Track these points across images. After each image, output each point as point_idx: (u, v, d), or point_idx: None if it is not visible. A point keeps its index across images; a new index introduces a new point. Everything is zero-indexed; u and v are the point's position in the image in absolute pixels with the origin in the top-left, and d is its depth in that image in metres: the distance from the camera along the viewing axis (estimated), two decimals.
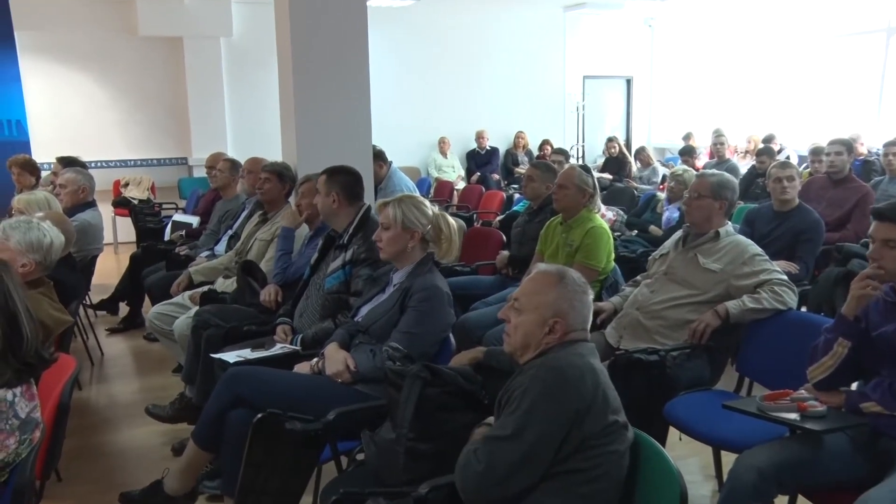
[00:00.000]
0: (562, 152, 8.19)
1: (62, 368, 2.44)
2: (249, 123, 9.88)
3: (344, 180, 3.55)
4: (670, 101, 12.45)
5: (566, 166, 4.49)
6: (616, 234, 5.14)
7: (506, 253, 4.68)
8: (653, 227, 6.00)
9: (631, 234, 5.89)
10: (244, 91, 10.02)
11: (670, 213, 5.90)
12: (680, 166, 7.35)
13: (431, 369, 2.21)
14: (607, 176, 9.52)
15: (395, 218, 2.90)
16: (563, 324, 1.99)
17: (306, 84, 4.57)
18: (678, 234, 3.50)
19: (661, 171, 9.24)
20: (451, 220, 2.99)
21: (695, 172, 5.14)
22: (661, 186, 8.20)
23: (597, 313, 3.43)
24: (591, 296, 2.09)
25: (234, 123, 10.10)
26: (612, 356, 3.06)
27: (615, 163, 10.00)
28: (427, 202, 3.01)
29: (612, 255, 4.02)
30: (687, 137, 10.51)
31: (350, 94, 4.64)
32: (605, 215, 5.25)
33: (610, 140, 10.25)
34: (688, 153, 9.14)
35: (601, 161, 10.74)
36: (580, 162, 11.14)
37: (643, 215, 6.34)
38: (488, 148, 11.22)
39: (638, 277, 3.64)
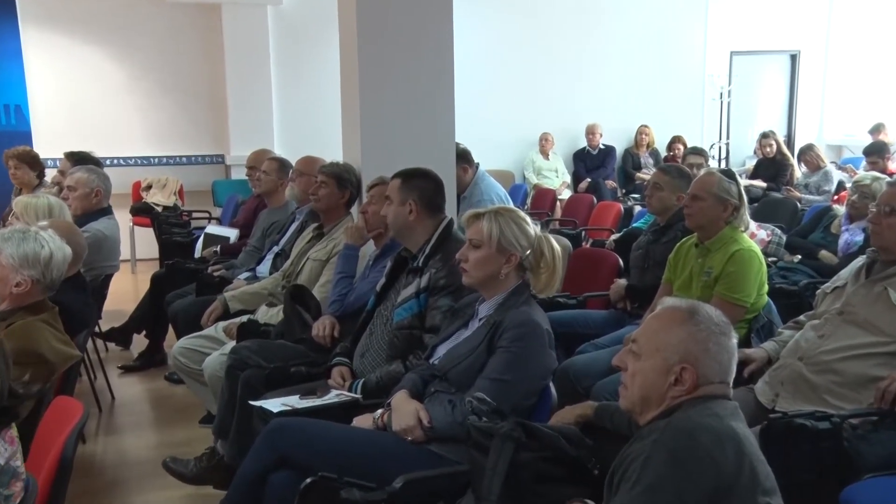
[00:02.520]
0: (698, 152, 8.12)
1: (65, 415, 2.49)
2: (302, 114, 10.06)
3: (424, 186, 3.64)
4: (852, 82, 12.15)
5: (703, 171, 4.45)
6: (771, 259, 5.06)
7: (623, 282, 4.67)
8: (824, 253, 5.87)
9: (792, 261, 5.78)
10: (296, 73, 10.26)
11: (851, 236, 5.76)
12: (865, 172, 7.15)
13: (526, 428, 2.24)
14: (760, 183, 9.36)
15: (490, 235, 2.95)
16: (693, 373, 2.01)
17: (375, 65, 4.66)
18: (859, 260, 3.43)
19: (837, 176, 9.02)
20: (554, 243, 3.03)
21: (888, 179, 5.00)
22: (836, 197, 8.00)
23: (743, 363, 3.36)
24: (735, 340, 2.09)
25: (282, 113, 10.28)
26: (763, 420, 3.00)
27: (771, 165, 9.81)
28: (529, 219, 3.07)
29: (765, 288, 3.97)
30: (876, 131, 10.23)
31: (429, 80, 4.72)
32: (755, 235, 5.18)
33: (765, 136, 10.06)
34: (877, 152, 8.86)
35: (752, 164, 10.56)
36: (722, 165, 11.00)
37: (810, 235, 6.21)
38: (602, 147, 11.18)
39: (801, 318, 3.58)
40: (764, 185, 9.34)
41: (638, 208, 8.12)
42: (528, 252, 2.96)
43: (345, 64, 4.95)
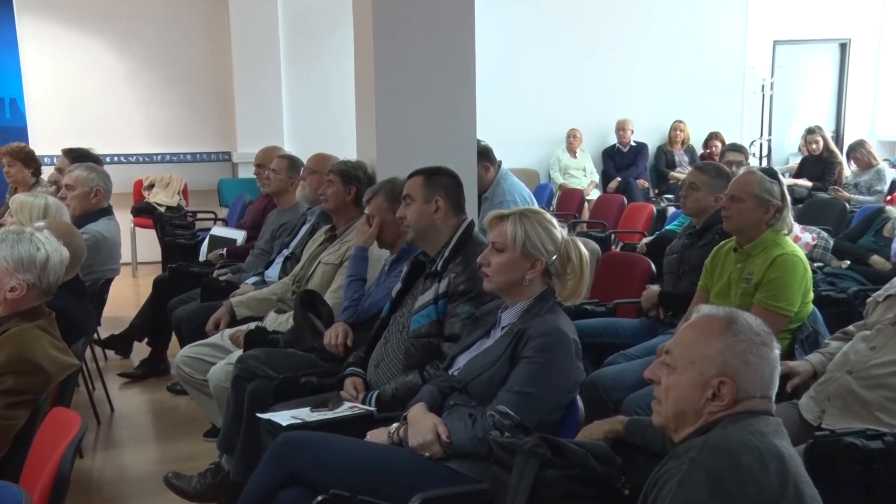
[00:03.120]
0: (738, 149, 8.08)
1: (62, 428, 2.49)
2: (314, 109, 10.11)
3: (449, 183, 3.68)
4: None
5: (743, 169, 4.44)
6: (816, 265, 5.03)
7: (655, 288, 4.66)
8: (875, 258, 5.84)
9: (840, 266, 5.75)
10: (308, 65, 10.30)
11: None
12: None
13: (552, 444, 2.25)
14: (805, 183, 9.32)
15: (515, 238, 2.96)
16: (732, 387, 2.00)
17: (391, 57, 4.67)
18: None
19: (890, 175, 8.97)
20: (582, 248, 3.03)
21: None
22: (889, 198, 7.94)
23: (786, 376, 3.37)
24: (778, 351, 2.09)
25: (293, 108, 10.32)
26: (808, 438, 2.95)
27: (817, 164, 9.76)
28: (556, 222, 3.07)
29: (810, 296, 3.96)
30: None
31: (449, 73, 4.74)
32: (799, 238, 5.17)
33: (810, 131, 10.01)
34: None
35: (796, 162, 10.51)
36: (764, 163, 10.94)
37: (860, 239, 6.17)
38: (633, 144, 11.18)
39: (850, 328, 3.55)
40: (809, 184, 9.30)
41: (672, 210, 8.14)
42: (555, 257, 2.97)
43: (359, 56, 4.98)
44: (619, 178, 10.89)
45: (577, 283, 2.98)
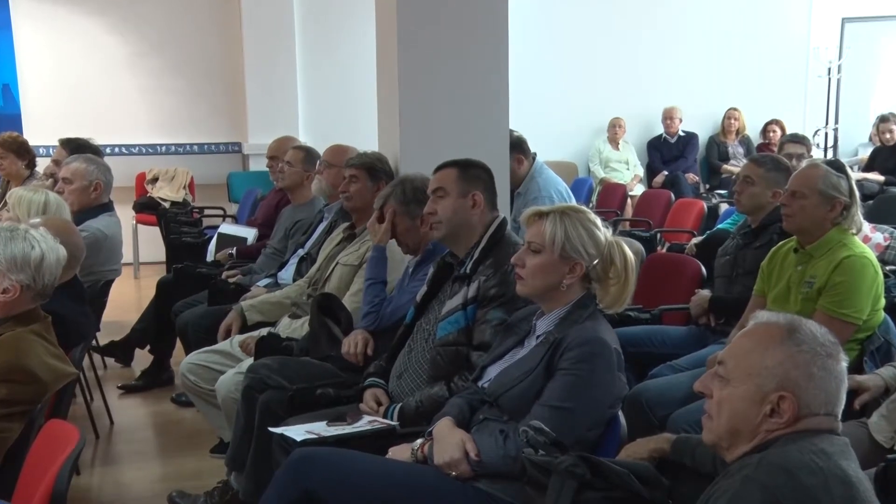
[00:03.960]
0: (799, 140, 7.98)
1: (58, 442, 2.49)
2: (332, 97, 10.13)
3: (485, 177, 3.70)
4: None
5: (805, 162, 4.42)
6: (889, 268, 4.98)
7: (706, 293, 4.63)
8: None
9: None
10: (326, 49, 10.30)
11: None
12: None
13: (591, 463, 2.24)
14: (876, 177, 9.23)
15: (555, 238, 2.96)
16: (793, 402, 1.99)
17: (417, 41, 4.67)
18: None
19: None
20: (627, 252, 3.04)
21: None
22: None
23: (854, 392, 3.34)
24: (845, 364, 2.07)
25: (309, 96, 10.32)
26: (879, 461, 2.88)
27: (891, 155, 9.65)
28: (599, 222, 3.07)
29: (882, 302, 3.92)
30: None
31: (480, 58, 4.73)
32: (869, 239, 5.10)
33: (884, 119, 9.90)
34: None
35: (866, 153, 10.40)
36: (829, 155, 10.85)
37: None
38: (681, 134, 11.13)
39: None
40: (882, 178, 9.20)
41: (724, 206, 8.06)
42: (596, 262, 2.97)
43: (382, 39, 5.00)
44: (665, 172, 10.86)
45: (621, 290, 2.98)
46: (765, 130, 11.01)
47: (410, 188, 4.05)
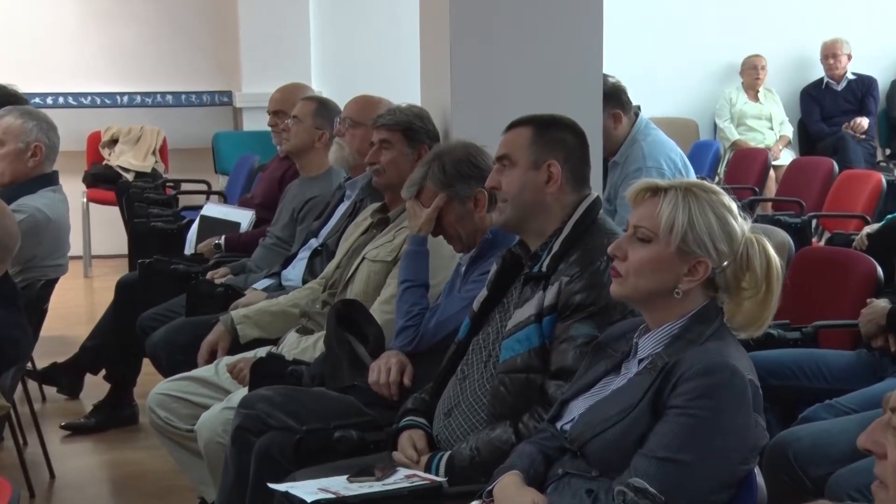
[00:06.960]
0: None
1: None
2: (356, 30, 9.38)
3: (570, 142, 3.33)
4: None
5: None
6: None
7: (883, 304, 4.12)
8: None
9: None
10: None
11: None
12: None
13: None
14: None
15: (673, 224, 2.62)
16: None
17: None
18: None
19: None
20: (772, 254, 2.67)
21: None
22: None
23: None
24: None
25: (324, 29, 9.45)
26: None
27: None
28: (736, 208, 2.72)
29: None
30: None
31: None
32: None
33: None
34: None
35: None
36: None
37: None
38: (850, 78, 9.94)
39: None
40: None
41: None
42: (727, 263, 2.60)
43: None
44: (827, 131, 10.00)
45: (760, 307, 2.63)
46: None
47: (451, 162, 3.70)
